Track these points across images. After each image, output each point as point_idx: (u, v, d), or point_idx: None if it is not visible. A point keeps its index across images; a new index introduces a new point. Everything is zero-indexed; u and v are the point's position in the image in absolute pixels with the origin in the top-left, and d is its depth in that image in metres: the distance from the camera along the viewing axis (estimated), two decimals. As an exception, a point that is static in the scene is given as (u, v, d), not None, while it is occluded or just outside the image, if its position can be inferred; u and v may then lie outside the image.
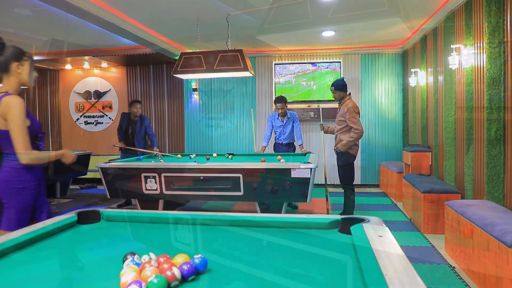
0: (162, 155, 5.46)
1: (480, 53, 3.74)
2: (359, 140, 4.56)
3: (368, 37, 6.37)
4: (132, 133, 5.88)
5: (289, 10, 4.76)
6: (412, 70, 6.19)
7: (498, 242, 2.55)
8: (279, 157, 4.98)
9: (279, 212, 4.17)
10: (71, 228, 1.69)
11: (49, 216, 2.24)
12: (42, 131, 2.36)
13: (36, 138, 2.27)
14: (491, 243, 2.67)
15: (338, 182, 7.34)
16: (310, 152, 5.19)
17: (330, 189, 7.13)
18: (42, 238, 1.51)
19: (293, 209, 5.52)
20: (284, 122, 5.50)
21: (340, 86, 4.59)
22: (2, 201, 2.21)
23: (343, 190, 4.72)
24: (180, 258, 1.15)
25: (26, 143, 2.09)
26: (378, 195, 6.54)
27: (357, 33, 6.08)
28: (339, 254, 1.31)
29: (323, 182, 7.36)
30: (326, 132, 4.91)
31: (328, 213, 4.87)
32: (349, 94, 4.65)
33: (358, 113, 4.49)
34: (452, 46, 4.26)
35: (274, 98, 7.41)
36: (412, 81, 6.20)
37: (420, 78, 5.88)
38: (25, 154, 2.08)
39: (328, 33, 6.05)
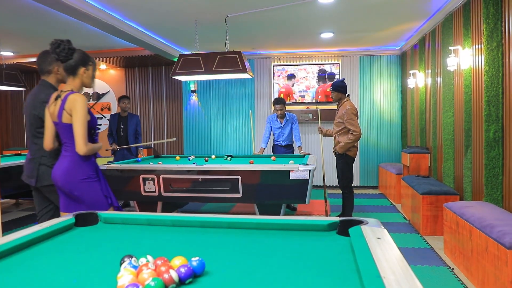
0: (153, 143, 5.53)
1: (478, 54, 3.75)
2: (358, 141, 4.56)
3: (367, 38, 6.38)
4: (124, 129, 5.76)
5: (287, 11, 4.77)
6: (411, 71, 6.20)
7: (497, 244, 2.55)
8: (273, 157, 4.99)
9: (278, 214, 4.17)
10: (68, 231, 1.68)
11: (115, 202, 2.54)
12: (97, 125, 2.64)
13: (93, 132, 2.54)
14: (490, 244, 2.67)
15: (337, 183, 7.36)
16: (308, 154, 5.19)
17: (329, 191, 7.13)
18: (39, 241, 1.50)
19: (291, 210, 5.52)
20: (283, 123, 5.50)
21: (338, 87, 4.58)
22: (62, 195, 2.47)
23: (341, 192, 4.71)
24: (177, 261, 1.15)
25: (85, 136, 2.36)
26: (377, 197, 6.54)
27: (355, 34, 6.09)
28: (337, 256, 1.30)
29: (322, 184, 7.38)
30: (324, 135, 4.90)
31: (327, 215, 4.86)
32: (348, 95, 4.64)
33: (356, 115, 4.48)
34: (450, 47, 4.27)
35: (272, 100, 7.42)
36: (411, 82, 6.21)
37: (418, 79, 5.89)
38: (83, 145, 2.34)
39: (326, 35, 6.05)
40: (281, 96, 7.27)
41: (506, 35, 3.21)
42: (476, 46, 3.79)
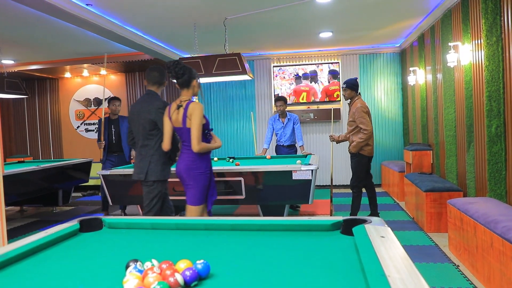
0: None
1: (478, 50, 3.75)
2: (372, 140, 4.52)
3: (366, 36, 6.38)
4: (116, 133, 5.26)
5: (285, 12, 4.77)
6: (411, 68, 6.20)
7: (502, 240, 2.54)
8: (268, 156, 4.99)
9: (281, 214, 4.17)
10: (73, 237, 1.69)
11: (215, 195, 3.12)
12: (210, 127, 3.13)
13: (206, 133, 3.02)
14: (495, 240, 2.66)
15: (343, 183, 7.35)
16: (311, 154, 5.19)
17: (336, 190, 7.13)
18: (44, 247, 1.51)
19: (295, 210, 5.52)
20: (285, 123, 5.51)
21: (352, 85, 4.54)
22: (184, 183, 3.01)
23: (350, 191, 4.69)
24: (182, 264, 1.15)
25: (199, 137, 2.89)
26: (380, 195, 6.53)
27: (354, 33, 6.09)
28: (341, 256, 1.30)
29: (325, 184, 7.38)
30: (338, 142, 4.73)
31: (331, 215, 4.86)
32: (359, 94, 4.61)
33: (367, 112, 4.44)
34: (449, 43, 4.26)
35: (273, 103, 7.42)
36: (411, 79, 6.20)
37: (419, 76, 5.88)
38: (197, 144, 2.88)
39: (325, 34, 6.06)
40: (303, 95, 7.26)
41: (506, 29, 3.20)
42: (476, 41, 3.79)
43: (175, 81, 3.05)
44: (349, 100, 4.66)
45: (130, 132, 3.35)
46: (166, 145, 3.07)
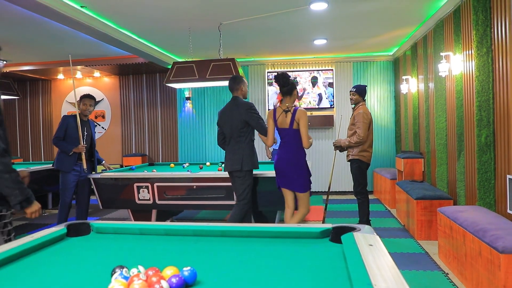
0: (109, 167, 4.80)
1: (469, 60, 3.80)
2: (372, 148, 4.52)
3: (360, 44, 6.43)
4: (87, 137, 4.44)
5: (280, 19, 4.80)
6: (404, 77, 6.25)
7: (490, 248, 2.56)
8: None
9: (273, 220, 4.16)
10: (60, 241, 1.67)
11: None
12: None
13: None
14: (483, 249, 2.68)
15: (340, 189, 7.34)
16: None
17: (332, 197, 7.13)
18: (30, 252, 1.49)
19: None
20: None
21: (361, 91, 4.54)
22: (286, 176, 3.54)
23: (351, 198, 4.67)
24: (169, 271, 1.14)
25: (308, 136, 3.49)
26: (371, 202, 6.54)
27: (348, 41, 6.14)
28: (329, 264, 1.30)
29: (318, 190, 7.39)
30: (342, 150, 4.60)
31: (323, 222, 4.85)
32: (364, 100, 4.62)
33: (369, 120, 4.41)
34: (441, 53, 4.31)
35: (267, 107, 7.44)
36: (404, 88, 6.26)
37: (411, 85, 5.94)
38: (307, 142, 3.47)
39: (320, 41, 6.10)
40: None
41: (496, 41, 3.25)
42: (467, 52, 3.84)
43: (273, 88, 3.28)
44: (353, 105, 4.67)
45: (221, 133, 3.82)
46: (270, 141, 3.66)
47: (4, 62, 6.83)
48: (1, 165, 1.95)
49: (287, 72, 3.74)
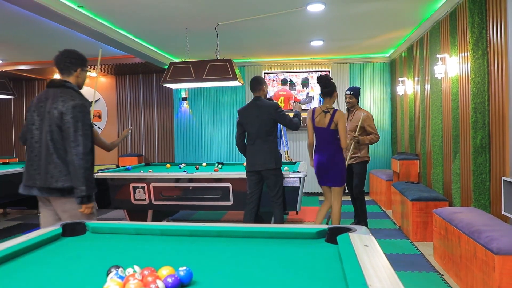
0: None
1: (464, 62, 3.82)
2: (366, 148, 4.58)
3: (356, 46, 6.45)
4: None
5: (277, 20, 4.81)
6: (400, 79, 6.28)
7: (485, 250, 2.58)
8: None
9: (269, 221, 4.16)
10: (55, 241, 1.66)
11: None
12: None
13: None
14: (478, 250, 2.69)
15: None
16: (299, 161, 5.20)
17: (321, 197, 7.14)
18: (24, 252, 1.48)
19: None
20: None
21: (357, 94, 4.62)
22: (326, 172, 3.77)
23: (351, 199, 4.71)
24: (165, 271, 1.14)
25: (346, 136, 3.74)
26: (367, 203, 6.56)
27: (345, 42, 6.15)
28: (324, 264, 1.31)
29: (314, 191, 7.40)
30: (358, 141, 4.44)
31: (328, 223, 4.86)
32: (358, 102, 4.69)
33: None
34: (437, 55, 4.33)
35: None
36: (400, 90, 6.28)
37: (407, 87, 5.97)
38: (345, 141, 3.71)
39: (316, 43, 6.11)
40: (281, 99, 7.27)
41: (491, 43, 3.27)
42: (463, 54, 3.86)
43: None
44: (348, 108, 4.70)
45: (242, 133, 3.85)
46: (310, 139, 3.89)
47: (0, 61, 6.79)
48: (83, 160, 2.35)
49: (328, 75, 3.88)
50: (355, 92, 4.60)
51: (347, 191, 4.64)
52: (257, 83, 3.83)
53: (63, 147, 2.39)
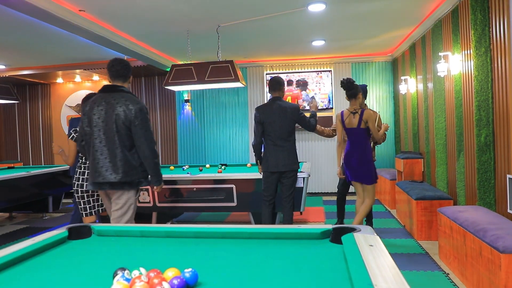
0: None
1: (467, 60, 3.80)
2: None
3: (358, 45, 6.44)
4: None
5: (278, 20, 4.81)
6: (402, 77, 6.26)
7: (490, 248, 2.56)
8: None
9: (273, 222, 4.16)
10: (61, 244, 1.67)
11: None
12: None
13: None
14: (484, 249, 2.68)
15: (334, 190, 7.34)
16: (303, 161, 5.20)
17: (325, 198, 7.13)
18: (31, 256, 1.49)
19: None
20: None
21: (364, 92, 4.46)
22: (357, 171, 3.88)
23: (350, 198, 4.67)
24: (170, 273, 1.15)
25: (377, 132, 3.86)
26: (372, 203, 6.55)
27: (347, 42, 6.15)
28: (329, 264, 1.31)
29: (318, 191, 7.39)
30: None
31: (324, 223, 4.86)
32: None
33: None
34: (440, 53, 4.32)
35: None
36: (403, 88, 6.26)
37: (410, 85, 5.95)
38: (379, 137, 3.93)
39: (318, 42, 6.11)
40: (289, 99, 7.26)
41: (494, 40, 3.26)
42: (465, 51, 3.85)
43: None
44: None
45: (262, 132, 3.82)
46: (340, 141, 4.07)
47: (3, 67, 6.83)
48: (154, 153, 2.79)
49: (348, 79, 3.83)
50: (364, 92, 4.55)
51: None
52: (278, 84, 3.87)
53: (129, 145, 2.74)
